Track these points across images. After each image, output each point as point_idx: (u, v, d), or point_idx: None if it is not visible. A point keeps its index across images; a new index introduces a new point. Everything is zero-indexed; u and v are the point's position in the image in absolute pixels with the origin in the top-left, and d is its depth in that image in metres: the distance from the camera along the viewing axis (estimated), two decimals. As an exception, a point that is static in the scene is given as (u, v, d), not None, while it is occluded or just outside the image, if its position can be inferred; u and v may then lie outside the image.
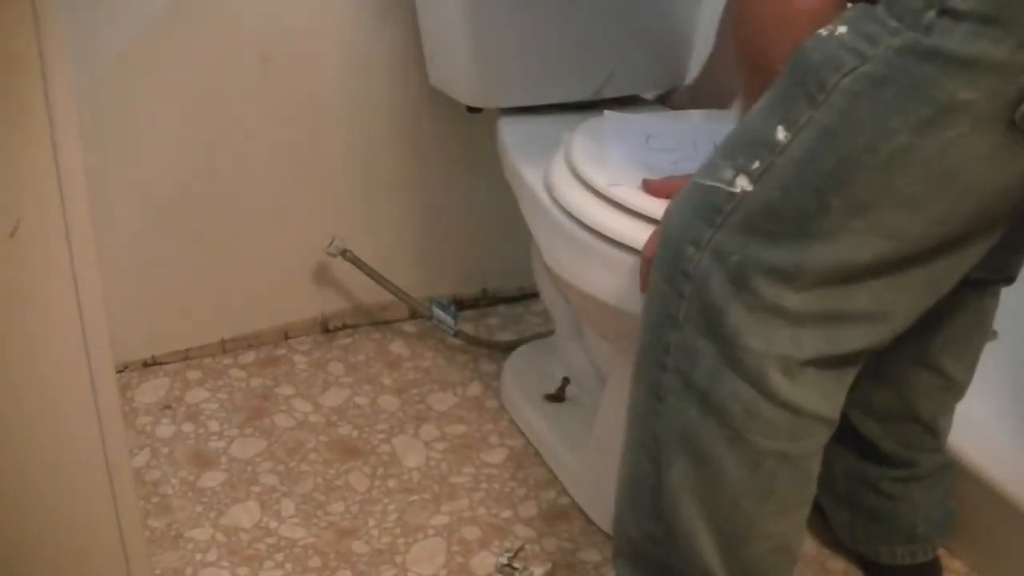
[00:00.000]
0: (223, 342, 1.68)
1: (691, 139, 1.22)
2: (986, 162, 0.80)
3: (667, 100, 1.51)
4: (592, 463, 1.36)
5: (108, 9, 1.41)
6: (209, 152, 1.54)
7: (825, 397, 0.92)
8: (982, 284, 1.10)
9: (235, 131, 1.54)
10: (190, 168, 1.54)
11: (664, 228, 0.93)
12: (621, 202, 1.09)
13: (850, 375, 0.93)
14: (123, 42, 1.44)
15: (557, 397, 1.50)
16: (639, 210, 1.08)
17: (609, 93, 1.47)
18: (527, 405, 1.52)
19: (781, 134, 0.84)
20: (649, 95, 1.53)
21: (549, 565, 1.30)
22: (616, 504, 1.03)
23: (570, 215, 1.15)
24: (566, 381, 1.50)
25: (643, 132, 1.24)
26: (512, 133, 1.42)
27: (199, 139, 1.53)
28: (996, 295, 1.14)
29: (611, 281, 1.10)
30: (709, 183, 0.88)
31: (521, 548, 1.31)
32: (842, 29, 0.82)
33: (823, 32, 0.83)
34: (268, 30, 1.50)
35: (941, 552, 1.26)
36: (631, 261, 1.07)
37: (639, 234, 1.05)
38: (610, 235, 1.10)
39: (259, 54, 1.51)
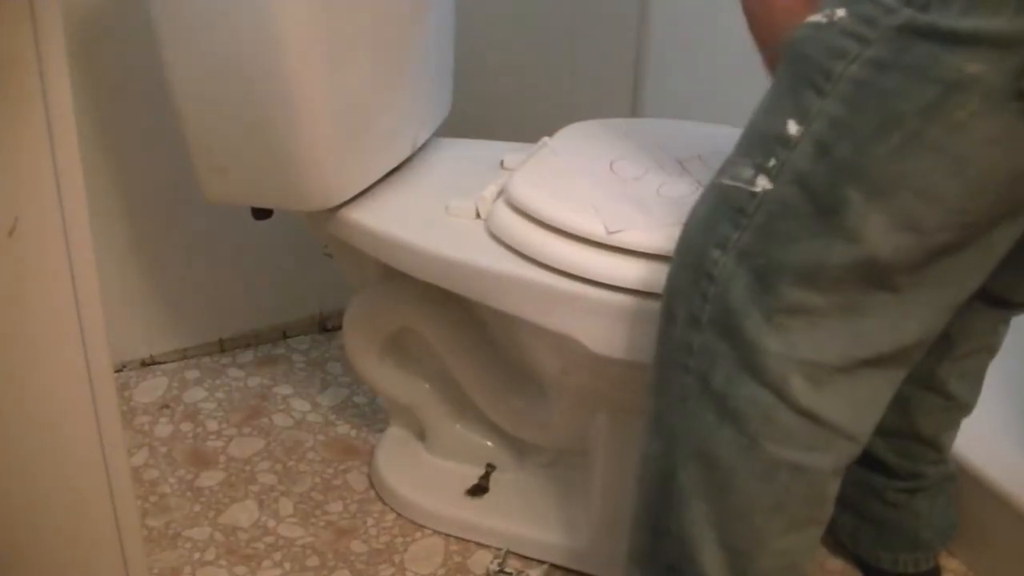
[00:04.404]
0: (221, 341, 1.68)
1: (652, 157, 1.17)
2: (998, 145, 0.77)
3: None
4: (602, 535, 1.25)
5: (108, 7, 1.41)
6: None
7: (853, 410, 0.88)
8: (999, 308, 1.08)
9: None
10: (188, 166, 1.53)
11: (688, 230, 0.91)
12: (631, 247, 1.04)
13: (884, 390, 0.90)
14: (122, 39, 1.43)
15: (482, 488, 1.35)
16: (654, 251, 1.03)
17: (422, 137, 1.35)
18: (453, 509, 1.34)
19: (793, 128, 0.81)
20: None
21: (546, 566, 1.29)
22: (632, 510, 0.99)
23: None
24: (491, 468, 1.36)
25: (604, 158, 1.18)
26: (375, 217, 1.22)
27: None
28: (1008, 322, 1.12)
29: (647, 335, 1.03)
30: (730, 183, 0.86)
31: (506, 553, 1.30)
32: (840, 13, 0.79)
33: (820, 19, 0.80)
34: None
35: (940, 552, 1.26)
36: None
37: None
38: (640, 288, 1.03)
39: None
